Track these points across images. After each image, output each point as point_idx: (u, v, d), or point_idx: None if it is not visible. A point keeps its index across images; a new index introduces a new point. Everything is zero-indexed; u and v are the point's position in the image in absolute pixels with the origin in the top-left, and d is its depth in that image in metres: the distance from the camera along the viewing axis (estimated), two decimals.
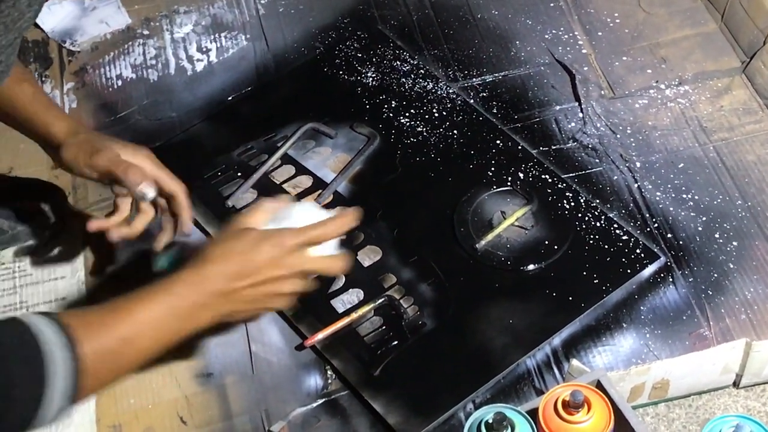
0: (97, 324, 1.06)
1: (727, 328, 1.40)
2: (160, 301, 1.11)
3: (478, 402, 1.35)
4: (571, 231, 1.50)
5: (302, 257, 1.20)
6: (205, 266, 1.16)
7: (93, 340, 1.03)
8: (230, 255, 1.17)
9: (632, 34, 1.80)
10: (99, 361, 1.03)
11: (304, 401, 1.37)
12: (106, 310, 1.09)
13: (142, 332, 1.09)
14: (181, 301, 1.13)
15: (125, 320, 1.08)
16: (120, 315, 1.09)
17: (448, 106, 1.67)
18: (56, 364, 0.98)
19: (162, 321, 1.11)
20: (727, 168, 1.59)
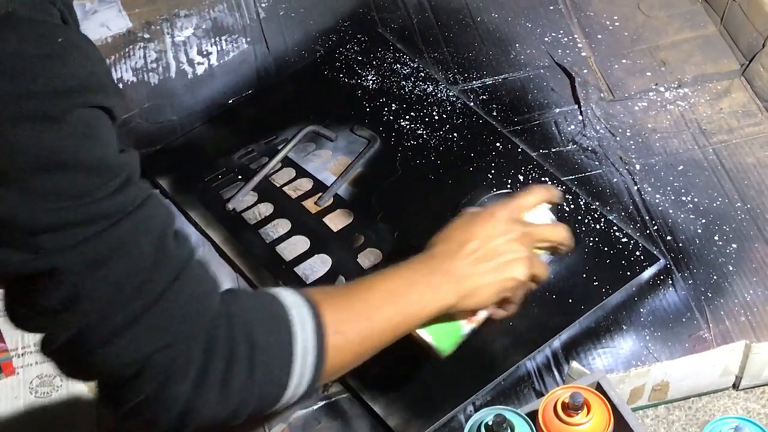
0: (340, 299, 1.08)
1: (726, 330, 1.40)
2: (397, 274, 1.14)
3: (478, 404, 1.35)
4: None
5: (519, 221, 1.22)
6: (432, 248, 1.19)
7: (335, 314, 1.05)
8: (450, 233, 1.20)
9: (632, 37, 1.80)
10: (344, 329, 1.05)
11: (304, 403, 1.37)
12: (347, 287, 1.14)
13: (383, 304, 1.11)
14: (416, 274, 1.14)
15: (365, 293, 1.11)
16: (360, 289, 1.11)
17: (448, 109, 1.68)
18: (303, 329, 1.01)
19: (400, 292, 1.12)
20: (726, 170, 1.59)
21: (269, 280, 1.47)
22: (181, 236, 0.98)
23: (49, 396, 1.39)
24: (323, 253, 1.50)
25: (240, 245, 1.52)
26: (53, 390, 1.40)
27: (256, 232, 1.53)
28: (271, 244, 1.51)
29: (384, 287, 1.12)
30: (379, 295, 1.11)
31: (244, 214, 1.55)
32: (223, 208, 1.57)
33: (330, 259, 1.49)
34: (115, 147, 0.93)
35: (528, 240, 1.21)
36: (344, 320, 1.06)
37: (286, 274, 1.47)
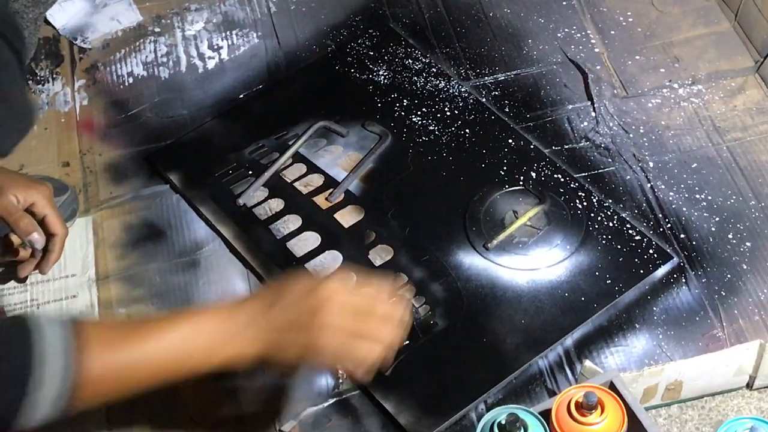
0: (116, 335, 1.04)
1: (740, 330, 1.39)
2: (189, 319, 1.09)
3: (490, 403, 1.34)
4: (583, 231, 1.49)
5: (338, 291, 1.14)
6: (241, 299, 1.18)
7: (106, 351, 1.01)
8: (264, 289, 1.25)
9: (645, 33, 1.79)
10: (106, 373, 1.01)
11: (315, 401, 1.36)
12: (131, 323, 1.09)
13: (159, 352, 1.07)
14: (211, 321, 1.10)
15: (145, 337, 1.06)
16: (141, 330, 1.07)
17: (460, 105, 1.67)
18: (47, 370, 0.97)
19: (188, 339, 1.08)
20: (740, 168, 1.58)
21: (280, 276, 1.46)
22: None
23: None
24: (334, 249, 1.49)
25: (251, 241, 1.51)
26: None
27: (267, 228, 1.52)
28: (282, 240, 1.51)
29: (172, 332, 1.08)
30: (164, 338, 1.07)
31: (254, 209, 1.55)
32: (234, 203, 1.56)
33: (341, 255, 1.49)
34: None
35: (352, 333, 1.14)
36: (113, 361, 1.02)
37: (297, 270, 1.47)
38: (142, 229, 1.55)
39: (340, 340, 1.13)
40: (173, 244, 1.53)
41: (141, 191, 1.60)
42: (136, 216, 1.57)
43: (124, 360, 1.04)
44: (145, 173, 1.62)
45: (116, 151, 1.65)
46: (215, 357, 1.09)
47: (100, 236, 1.54)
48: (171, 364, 1.07)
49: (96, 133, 1.68)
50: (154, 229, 1.55)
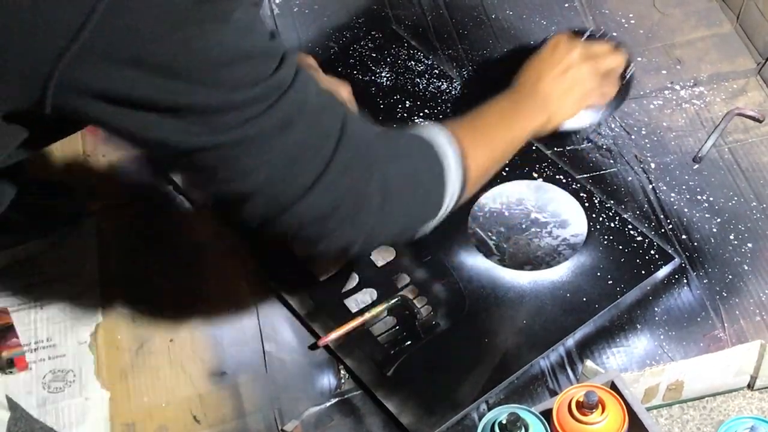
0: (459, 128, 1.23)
1: (741, 330, 1.40)
2: (498, 104, 1.34)
3: (492, 402, 1.35)
4: (585, 232, 1.49)
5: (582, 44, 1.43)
6: (523, 76, 1.40)
7: (469, 145, 1.21)
8: (536, 63, 1.42)
9: (647, 35, 1.79)
10: (475, 154, 1.22)
11: (317, 400, 1.37)
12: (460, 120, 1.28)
13: (494, 127, 1.30)
14: (517, 103, 1.35)
15: (477, 123, 1.29)
16: (471, 122, 1.29)
17: (462, 107, 1.67)
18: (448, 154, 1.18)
19: (510, 120, 1.33)
20: (742, 170, 1.58)
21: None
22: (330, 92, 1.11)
23: (61, 391, 1.39)
24: None
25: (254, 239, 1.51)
26: (66, 385, 1.40)
27: None
28: None
29: (498, 118, 1.32)
30: (495, 125, 1.30)
31: None
32: None
33: None
34: (266, 33, 1.04)
35: (590, 58, 1.42)
36: (476, 149, 1.23)
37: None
38: (145, 230, 1.56)
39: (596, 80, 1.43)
40: (176, 244, 1.54)
41: (144, 192, 1.60)
42: (140, 217, 1.57)
43: (485, 155, 1.26)
44: (149, 174, 1.62)
45: (120, 153, 1.66)
46: (525, 130, 1.34)
47: (103, 237, 1.55)
48: (510, 146, 1.32)
49: (100, 134, 1.68)
50: (157, 230, 1.56)
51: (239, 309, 1.47)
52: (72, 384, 1.40)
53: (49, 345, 1.44)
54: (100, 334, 1.45)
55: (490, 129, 1.29)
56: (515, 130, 1.33)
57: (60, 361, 1.42)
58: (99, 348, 1.43)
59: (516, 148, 1.33)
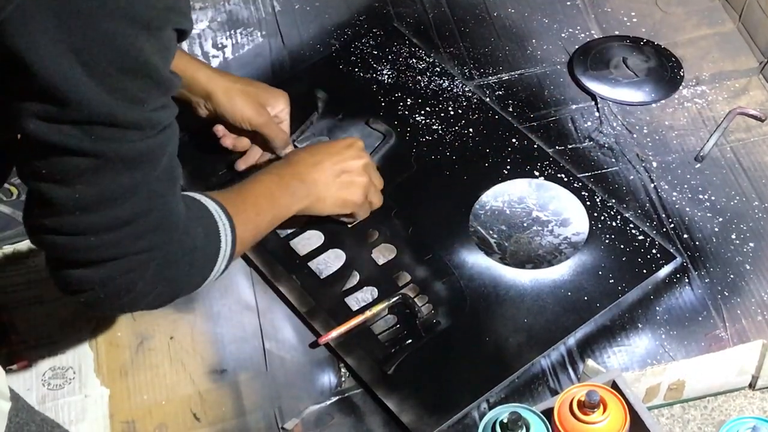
0: (232, 201, 1.26)
1: (743, 330, 1.39)
2: (268, 180, 1.37)
3: (493, 401, 1.34)
4: (586, 230, 1.49)
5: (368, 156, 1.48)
6: (297, 157, 1.44)
7: (236, 213, 1.24)
8: (314, 148, 1.46)
9: (649, 34, 1.79)
10: (242, 229, 1.24)
11: (317, 399, 1.37)
12: (233, 194, 1.30)
13: (262, 203, 1.33)
14: (281, 177, 1.38)
15: (248, 196, 1.32)
16: (243, 194, 1.32)
17: (463, 104, 1.67)
18: (225, 232, 1.21)
19: (271, 191, 1.35)
20: (744, 169, 1.58)
21: (283, 276, 1.47)
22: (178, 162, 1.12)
23: (61, 388, 1.39)
24: (337, 248, 1.49)
25: None
26: (65, 382, 1.39)
27: None
28: (285, 239, 1.51)
29: (265, 194, 1.35)
30: (262, 202, 1.33)
31: None
32: None
33: (344, 254, 1.49)
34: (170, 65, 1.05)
35: (372, 171, 1.47)
36: (245, 227, 1.26)
37: (300, 269, 1.47)
38: None
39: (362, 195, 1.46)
40: None
41: None
42: None
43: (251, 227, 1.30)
44: None
45: None
46: (288, 209, 1.38)
47: None
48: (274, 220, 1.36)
49: None
50: None
51: (239, 307, 1.46)
52: (72, 381, 1.40)
53: (49, 342, 1.44)
54: (100, 332, 1.44)
55: (257, 206, 1.32)
56: (279, 211, 1.37)
57: (60, 358, 1.42)
58: (99, 345, 1.43)
59: (280, 221, 1.38)
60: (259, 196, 1.34)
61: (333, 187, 1.42)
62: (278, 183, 1.37)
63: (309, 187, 1.40)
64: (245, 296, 1.48)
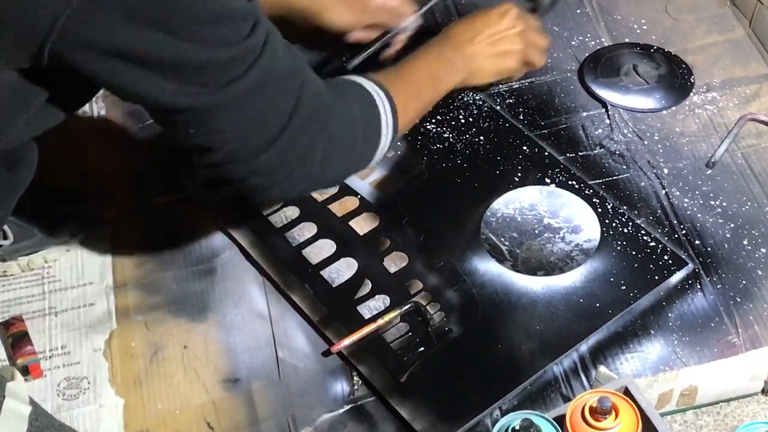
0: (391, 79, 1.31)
1: (755, 335, 1.39)
2: (426, 55, 1.42)
3: (505, 408, 1.34)
4: (598, 237, 1.49)
5: (529, 30, 1.51)
6: (451, 32, 1.47)
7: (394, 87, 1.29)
8: (468, 22, 1.49)
9: (659, 41, 1.79)
10: (402, 99, 1.30)
11: (330, 407, 1.37)
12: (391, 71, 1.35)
13: (421, 78, 1.38)
14: (442, 56, 1.43)
15: (406, 73, 1.37)
16: (401, 71, 1.37)
17: (474, 113, 1.67)
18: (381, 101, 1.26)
19: (432, 67, 1.40)
20: (755, 175, 1.58)
21: (295, 284, 1.47)
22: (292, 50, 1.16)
23: (76, 398, 1.40)
24: (349, 257, 1.50)
25: (266, 248, 1.52)
26: (80, 392, 1.40)
27: (282, 236, 1.53)
28: (298, 248, 1.51)
29: (424, 70, 1.39)
30: (422, 77, 1.38)
31: (270, 217, 1.55)
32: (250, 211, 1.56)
33: (356, 262, 1.49)
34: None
35: (525, 37, 1.50)
36: (405, 102, 1.31)
37: (312, 278, 1.47)
38: (159, 238, 1.56)
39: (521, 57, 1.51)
40: (190, 251, 1.54)
41: (157, 200, 1.61)
42: (153, 224, 1.58)
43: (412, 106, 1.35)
44: (162, 182, 1.63)
45: (134, 160, 1.66)
46: (448, 83, 1.43)
47: (117, 244, 1.55)
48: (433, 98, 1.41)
49: (114, 141, 1.69)
50: (170, 237, 1.56)
51: (252, 316, 1.47)
52: (86, 391, 1.40)
53: (64, 352, 1.44)
54: (114, 342, 1.45)
55: (417, 82, 1.37)
56: (439, 85, 1.41)
57: (74, 368, 1.43)
58: (113, 355, 1.44)
59: (437, 99, 1.42)
60: (419, 71, 1.39)
61: (490, 59, 1.47)
62: (437, 59, 1.42)
63: (467, 61, 1.44)
64: (258, 305, 1.48)
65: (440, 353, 1.39)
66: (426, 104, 1.40)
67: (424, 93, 1.38)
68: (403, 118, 1.30)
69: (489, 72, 1.48)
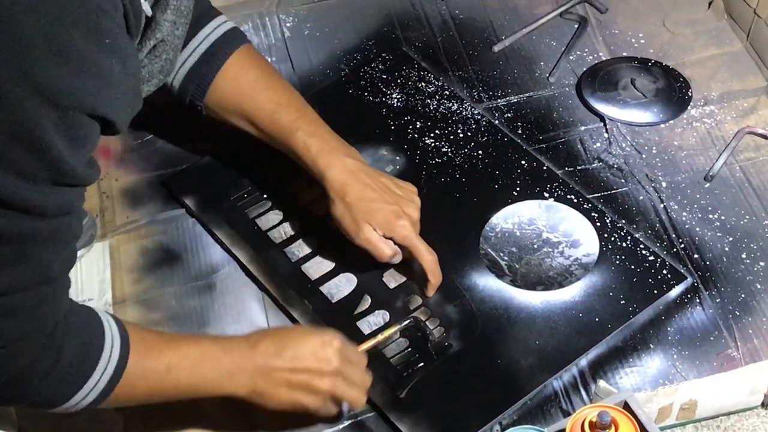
0: (149, 342, 1.17)
1: (755, 349, 1.39)
2: (208, 348, 1.22)
3: (505, 424, 1.34)
4: (597, 251, 1.49)
5: (348, 367, 1.28)
6: (259, 338, 1.27)
7: (141, 354, 1.14)
8: (285, 337, 1.28)
9: (657, 55, 1.80)
10: (138, 375, 1.14)
11: (330, 423, 1.37)
12: (160, 335, 1.21)
13: (183, 366, 1.19)
14: (225, 356, 1.23)
15: (173, 349, 1.19)
16: (170, 344, 1.20)
17: (473, 127, 1.68)
18: (106, 359, 1.11)
19: (202, 364, 1.21)
20: (753, 188, 1.58)
21: (295, 299, 1.47)
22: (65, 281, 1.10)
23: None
24: (349, 272, 1.50)
25: (266, 264, 1.52)
26: None
27: (282, 251, 1.53)
28: (297, 263, 1.51)
29: (191, 354, 1.20)
30: (182, 362, 1.19)
31: (269, 233, 1.55)
32: (251, 227, 1.56)
33: (355, 278, 1.49)
34: (87, 157, 1.00)
35: (340, 375, 1.27)
36: (143, 375, 1.16)
37: (312, 293, 1.47)
38: (158, 254, 1.56)
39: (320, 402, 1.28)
40: (189, 267, 1.54)
41: (157, 216, 1.61)
42: (152, 240, 1.58)
43: (149, 388, 1.18)
44: (161, 198, 1.63)
45: (132, 176, 1.66)
46: (217, 390, 1.23)
47: (116, 260, 1.55)
48: (185, 392, 1.22)
49: (112, 158, 1.69)
50: (170, 253, 1.56)
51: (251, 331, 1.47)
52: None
53: None
54: None
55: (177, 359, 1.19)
56: (204, 382, 1.22)
57: None
58: None
59: (196, 395, 1.23)
60: (186, 355, 1.20)
61: (282, 388, 1.25)
62: (218, 358, 1.22)
63: (255, 378, 1.24)
64: (258, 321, 1.48)
65: (440, 369, 1.39)
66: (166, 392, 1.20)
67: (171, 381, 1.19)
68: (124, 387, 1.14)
69: (279, 401, 1.26)
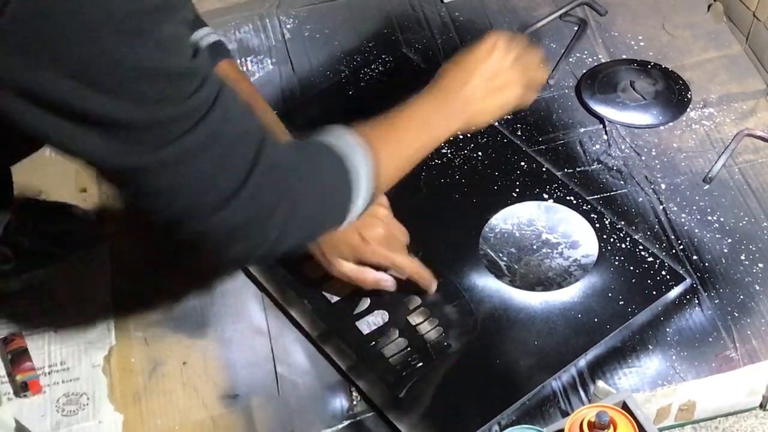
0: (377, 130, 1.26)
1: (753, 350, 1.40)
2: (419, 105, 1.32)
3: (504, 424, 1.34)
4: (596, 253, 1.50)
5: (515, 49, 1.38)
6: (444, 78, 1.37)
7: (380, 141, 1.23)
8: (458, 64, 1.38)
9: (657, 57, 1.80)
10: (388, 155, 1.24)
11: (329, 423, 1.37)
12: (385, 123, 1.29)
13: (414, 129, 1.30)
14: (435, 105, 1.33)
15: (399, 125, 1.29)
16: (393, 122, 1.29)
17: None
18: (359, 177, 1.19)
19: (426, 117, 1.31)
20: (752, 190, 1.58)
21: (294, 300, 1.47)
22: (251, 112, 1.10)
23: (75, 414, 1.40)
24: None
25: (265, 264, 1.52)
26: (79, 408, 1.40)
27: None
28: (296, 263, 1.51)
29: (419, 123, 1.31)
30: (415, 130, 1.30)
31: None
32: None
33: None
34: (190, 52, 1.02)
35: (521, 62, 1.38)
36: (392, 157, 1.26)
37: (311, 294, 1.47)
38: (158, 254, 1.56)
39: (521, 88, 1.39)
40: (189, 267, 1.54)
41: None
42: (153, 241, 1.58)
43: (399, 161, 1.28)
44: None
45: None
46: (445, 132, 1.33)
47: (117, 261, 1.56)
48: (425, 150, 1.32)
49: None
50: (170, 254, 1.56)
51: (251, 332, 1.47)
52: (85, 407, 1.40)
53: (63, 368, 1.45)
54: (114, 358, 1.45)
55: (409, 134, 1.30)
56: (433, 135, 1.33)
57: (73, 384, 1.43)
58: (112, 371, 1.44)
59: (432, 149, 1.34)
60: (411, 122, 1.30)
61: (489, 97, 1.36)
62: (431, 108, 1.33)
63: (464, 106, 1.34)
64: (257, 321, 1.48)
65: (439, 369, 1.39)
66: (417, 157, 1.31)
67: (415, 146, 1.30)
68: (388, 175, 1.24)
69: (491, 110, 1.37)
